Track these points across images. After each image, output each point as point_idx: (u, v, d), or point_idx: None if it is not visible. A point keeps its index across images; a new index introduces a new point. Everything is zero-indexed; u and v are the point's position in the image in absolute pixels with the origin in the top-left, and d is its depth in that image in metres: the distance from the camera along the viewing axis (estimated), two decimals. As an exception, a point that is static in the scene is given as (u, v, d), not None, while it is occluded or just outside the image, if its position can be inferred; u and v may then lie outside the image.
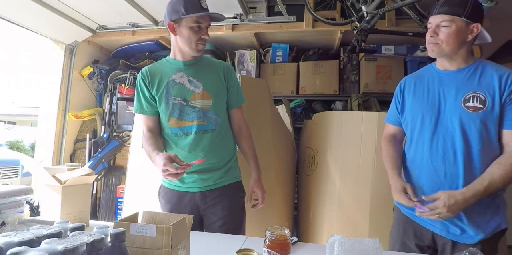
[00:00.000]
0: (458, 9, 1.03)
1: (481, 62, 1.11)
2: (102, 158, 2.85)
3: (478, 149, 1.04)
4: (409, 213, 1.19)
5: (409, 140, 1.22)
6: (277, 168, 1.97)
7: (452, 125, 1.07)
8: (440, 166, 1.09)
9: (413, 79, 1.23)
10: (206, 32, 1.27)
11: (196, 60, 1.34)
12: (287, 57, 2.89)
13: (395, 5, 1.88)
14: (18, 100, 18.68)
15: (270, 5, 2.63)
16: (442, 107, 1.10)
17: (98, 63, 3.09)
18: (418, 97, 1.17)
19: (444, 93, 1.11)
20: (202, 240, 1.05)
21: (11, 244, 0.57)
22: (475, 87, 1.06)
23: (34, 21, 2.40)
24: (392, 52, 2.62)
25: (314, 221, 1.98)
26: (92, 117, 3.06)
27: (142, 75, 1.33)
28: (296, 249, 1.01)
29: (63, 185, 1.16)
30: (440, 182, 1.09)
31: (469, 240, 1.06)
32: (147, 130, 1.32)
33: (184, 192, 1.31)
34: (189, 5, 1.21)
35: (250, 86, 1.99)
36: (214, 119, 1.30)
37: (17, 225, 0.92)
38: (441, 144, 1.09)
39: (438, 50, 1.09)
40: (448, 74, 1.13)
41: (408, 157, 1.22)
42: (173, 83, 1.29)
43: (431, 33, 1.08)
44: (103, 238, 0.58)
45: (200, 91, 1.29)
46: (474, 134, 1.04)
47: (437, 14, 1.06)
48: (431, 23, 1.09)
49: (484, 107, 1.03)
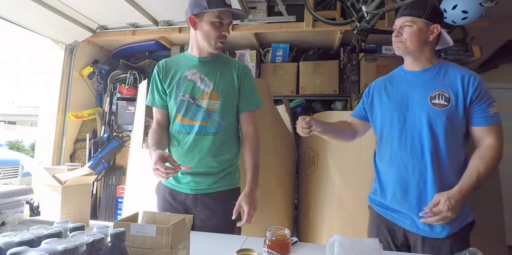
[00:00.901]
0: (418, 11, 1.14)
1: (444, 63, 1.19)
2: (102, 158, 2.85)
3: (444, 144, 1.10)
4: (381, 210, 1.22)
5: (379, 138, 1.27)
6: (277, 168, 1.97)
7: (420, 122, 1.13)
8: (409, 161, 1.14)
9: (383, 81, 1.30)
10: (227, 28, 1.24)
11: (213, 58, 1.30)
12: (287, 57, 2.89)
13: (395, 5, 1.88)
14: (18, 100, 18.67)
15: (270, 5, 2.63)
16: (410, 105, 1.16)
17: (98, 63, 3.09)
18: (388, 97, 1.23)
19: (412, 92, 1.18)
20: (202, 240, 1.05)
21: (11, 244, 0.57)
22: (440, 85, 1.13)
23: (34, 21, 2.40)
24: (392, 52, 2.59)
25: (314, 221, 1.98)
26: (92, 117, 3.06)
27: (158, 68, 1.32)
28: (296, 249, 1.01)
29: (63, 185, 1.16)
30: (409, 177, 1.13)
31: (437, 234, 1.09)
32: (156, 123, 1.32)
33: (178, 191, 1.29)
34: (212, 0, 1.19)
35: (250, 86, 1.99)
36: (217, 122, 1.25)
37: (17, 225, 0.92)
38: (409, 140, 1.14)
39: (403, 48, 1.16)
40: (415, 74, 1.20)
41: (378, 155, 1.27)
42: (184, 79, 1.27)
43: (396, 33, 1.18)
44: (103, 238, 0.58)
45: (210, 90, 1.25)
46: (441, 129, 1.10)
47: (400, 16, 1.17)
48: (396, 25, 1.19)
49: (449, 104, 1.10)
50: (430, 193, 1.10)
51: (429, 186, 1.10)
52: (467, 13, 1.62)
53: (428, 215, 1.04)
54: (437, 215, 1.02)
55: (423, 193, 1.11)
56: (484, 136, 1.10)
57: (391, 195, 1.17)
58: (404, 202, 1.14)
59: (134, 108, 2.85)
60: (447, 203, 1.01)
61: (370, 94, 1.31)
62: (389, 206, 1.19)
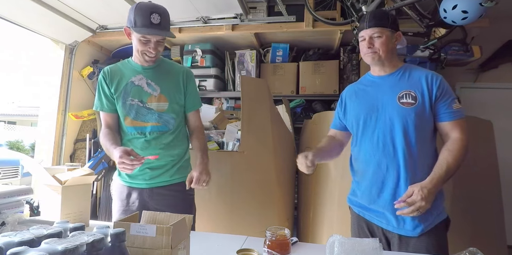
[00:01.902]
0: (383, 22, 1.22)
1: (408, 66, 1.28)
2: (102, 158, 2.85)
3: (415, 141, 1.16)
4: (359, 211, 1.26)
5: (354, 139, 1.32)
6: (277, 168, 1.97)
7: (390, 121, 1.18)
8: (382, 160, 1.18)
9: (353, 87, 1.38)
10: (154, 46, 1.29)
11: (156, 64, 1.38)
12: (287, 57, 2.89)
13: (395, 5, 1.88)
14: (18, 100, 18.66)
15: (270, 5, 2.63)
16: (380, 106, 1.22)
17: (98, 63, 3.09)
18: (359, 101, 1.30)
19: (381, 94, 1.24)
20: (202, 240, 1.05)
21: (11, 244, 0.57)
22: (406, 86, 1.21)
23: (34, 21, 2.40)
24: (392, 52, 2.62)
25: (314, 221, 1.98)
26: (92, 117, 3.06)
27: (103, 74, 1.38)
28: (296, 249, 1.01)
29: (63, 185, 1.16)
30: (383, 175, 1.18)
31: (412, 232, 1.13)
32: (105, 127, 1.38)
33: (133, 187, 1.36)
34: (138, 19, 1.23)
35: (250, 86, 1.99)
36: (168, 121, 1.36)
37: (17, 225, 0.92)
38: (381, 139, 1.19)
39: (377, 58, 1.23)
40: (382, 78, 1.28)
41: (353, 155, 1.32)
42: (131, 85, 1.35)
43: (368, 45, 1.22)
44: (103, 238, 0.58)
45: (158, 94, 1.35)
46: (411, 127, 1.15)
47: (368, 28, 1.23)
48: (364, 36, 1.24)
49: (416, 102, 1.17)
50: (403, 189, 1.13)
51: (402, 183, 1.14)
52: (467, 13, 1.62)
53: (402, 205, 1.05)
54: (411, 206, 1.03)
55: (397, 190, 1.15)
56: (450, 130, 1.16)
57: (367, 194, 1.21)
58: (379, 200, 1.18)
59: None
60: (420, 192, 1.03)
61: (343, 102, 1.38)
62: (366, 206, 1.23)
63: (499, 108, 3.02)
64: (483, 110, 2.94)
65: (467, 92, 3.11)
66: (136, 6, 1.25)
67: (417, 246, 1.11)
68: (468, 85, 3.11)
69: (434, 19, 2.01)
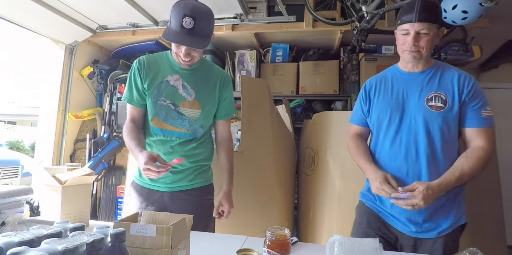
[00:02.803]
0: (434, 17, 1.09)
1: (440, 65, 1.19)
2: (102, 158, 2.85)
3: (440, 146, 1.10)
4: (374, 207, 1.21)
5: (375, 139, 1.24)
6: (277, 168, 1.97)
7: (416, 124, 1.12)
8: (403, 165, 1.12)
9: (378, 80, 1.26)
10: (184, 53, 1.18)
11: (197, 65, 1.29)
12: (287, 57, 2.89)
13: (395, 5, 1.88)
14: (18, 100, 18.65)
15: (270, 5, 2.63)
16: (406, 106, 1.15)
17: (98, 63, 3.09)
18: (384, 98, 1.20)
19: (408, 94, 1.16)
20: (202, 240, 1.05)
21: (11, 244, 0.57)
22: (436, 87, 1.13)
23: (34, 21, 2.40)
24: (392, 52, 2.62)
25: (314, 221, 1.98)
26: (92, 117, 3.06)
27: (138, 64, 1.27)
28: (296, 249, 1.01)
29: (63, 185, 1.16)
30: (403, 180, 1.11)
31: (428, 235, 1.10)
32: (131, 120, 1.29)
33: (153, 190, 1.31)
34: (173, 20, 1.13)
35: (250, 86, 1.99)
36: (197, 130, 1.30)
37: (17, 225, 0.92)
38: (404, 143, 1.13)
39: (419, 56, 1.13)
40: (412, 75, 1.18)
41: (375, 155, 1.24)
42: (166, 84, 1.25)
43: (414, 42, 1.10)
44: (103, 238, 0.58)
45: (192, 99, 1.26)
46: (437, 132, 1.09)
47: (417, 21, 1.08)
48: (409, 30, 1.11)
49: (445, 107, 1.10)
50: None
51: None
52: (467, 13, 1.62)
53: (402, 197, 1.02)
54: (408, 200, 1.01)
55: None
56: (475, 137, 1.10)
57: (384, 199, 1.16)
58: (396, 206, 1.11)
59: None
60: (424, 192, 1.00)
61: (367, 95, 1.27)
62: (381, 207, 1.19)
63: (499, 108, 3.01)
64: (483, 110, 2.93)
65: (467, 92, 3.10)
66: (175, 4, 1.13)
67: (433, 248, 1.09)
68: (468, 85, 3.11)
69: (434, 19, 2.01)
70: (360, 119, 1.31)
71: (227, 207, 1.30)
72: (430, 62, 1.18)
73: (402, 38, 1.14)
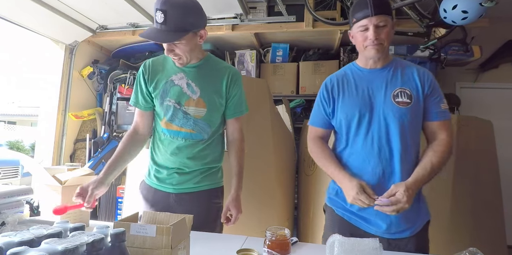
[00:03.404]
0: (388, 9, 1.09)
1: (399, 60, 1.18)
2: (102, 158, 2.85)
3: (411, 142, 1.10)
4: (344, 214, 1.16)
5: (343, 141, 1.18)
6: (277, 168, 1.97)
7: (386, 121, 1.09)
8: (377, 165, 1.09)
9: (338, 78, 1.22)
10: (167, 48, 1.13)
11: (200, 62, 1.25)
12: (287, 57, 2.89)
13: (395, 5, 1.88)
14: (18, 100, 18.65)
15: (270, 5, 2.63)
16: (374, 104, 1.12)
17: (98, 63, 3.09)
18: (350, 96, 1.16)
19: (373, 91, 1.13)
20: (202, 240, 1.05)
21: (11, 244, 0.57)
22: (400, 83, 1.12)
23: (34, 21, 2.40)
24: (392, 52, 2.62)
25: (314, 221, 1.98)
26: (92, 117, 3.06)
27: (143, 68, 1.26)
28: (296, 249, 1.01)
29: (63, 185, 1.16)
30: (378, 181, 1.09)
31: (402, 234, 1.09)
32: (133, 127, 1.30)
33: (160, 190, 1.28)
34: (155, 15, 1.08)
35: (250, 86, 1.99)
36: (203, 129, 1.24)
37: (17, 225, 0.92)
38: (377, 142, 1.10)
39: (382, 50, 1.10)
40: (373, 72, 1.16)
41: (343, 158, 1.18)
42: (171, 83, 1.22)
43: (376, 35, 1.07)
44: (103, 238, 0.58)
45: (196, 97, 1.22)
46: (407, 128, 1.09)
47: (374, 15, 1.07)
48: (367, 25, 1.08)
49: (412, 102, 1.09)
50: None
51: None
52: (467, 13, 1.62)
53: (385, 203, 0.99)
54: (394, 205, 0.99)
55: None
56: (437, 130, 1.12)
57: None
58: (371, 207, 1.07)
59: (134, 108, 2.85)
60: (406, 193, 0.98)
61: (330, 95, 1.21)
62: (354, 211, 1.14)
63: (499, 108, 3.02)
64: (483, 110, 2.94)
65: (467, 92, 3.11)
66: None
67: (406, 247, 1.08)
68: (468, 85, 3.11)
69: (434, 19, 2.01)
70: (322, 121, 1.24)
71: (234, 212, 1.24)
72: (389, 58, 1.17)
73: (361, 35, 1.11)
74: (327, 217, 1.24)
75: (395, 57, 1.19)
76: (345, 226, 1.15)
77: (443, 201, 1.75)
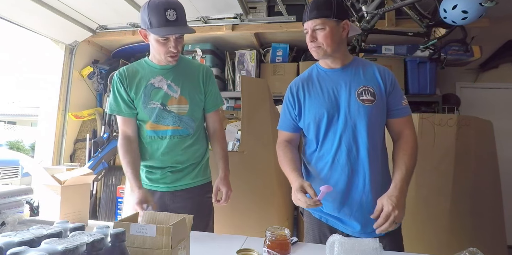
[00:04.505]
0: (325, 12, 1.08)
1: (359, 59, 1.20)
2: (102, 158, 2.85)
3: (377, 140, 1.11)
4: (321, 216, 1.16)
5: (312, 143, 1.18)
6: (277, 168, 1.96)
7: (352, 120, 1.10)
8: (347, 165, 1.10)
9: (303, 81, 1.21)
10: (174, 44, 1.20)
11: (175, 64, 1.31)
12: (287, 57, 2.89)
13: (395, 5, 1.88)
14: (18, 100, 18.65)
15: (270, 5, 2.63)
16: (340, 103, 1.13)
17: (98, 63, 3.09)
18: (316, 98, 1.16)
19: (338, 90, 1.14)
20: (202, 240, 1.05)
21: (11, 244, 0.57)
22: (363, 81, 1.13)
23: (34, 21, 2.40)
24: (392, 52, 2.62)
25: (314, 221, 1.98)
26: (92, 117, 3.06)
27: (119, 76, 1.30)
28: (296, 249, 1.01)
29: (62, 185, 1.16)
30: (349, 181, 1.10)
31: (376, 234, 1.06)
32: (123, 137, 1.30)
33: (153, 191, 1.31)
34: (153, 19, 1.14)
35: (250, 86, 1.99)
36: (188, 124, 1.30)
37: (17, 225, 0.92)
38: (345, 142, 1.10)
39: (322, 53, 1.11)
40: (335, 72, 1.17)
41: (310, 160, 1.19)
42: (151, 87, 1.27)
43: (310, 39, 1.11)
44: (103, 238, 0.58)
45: (178, 95, 1.28)
46: (373, 125, 1.10)
47: (309, 19, 1.10)
48: (307, 29, 1.12)
49: (375, 99, 1.10)
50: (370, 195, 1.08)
51: (367, 188, 1.08)
52: (467, 13, 1.62)
53: (380, 222, 0.98)
54: (388, 219, 0.97)
55: (363, 197, 1.09)
56: (402, 127, 1.14)
57: (331, 203, 1.12)
58: (345, 208, 1.10)
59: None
60: (390, 202, 0.98)
61: (295, 98, 1.20)
62: (328, 212, 1.14)
63: (499, 108, 3.02)
64: (483, 110, 2.94)
65: (467, 92, 3.11)
66: (148, 5, 1.15)
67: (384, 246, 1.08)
68: (468, 85, 3.11)
69: (434, 19, 2.01)
70: (289, 125, 1.24)
71: (225, 190, 1.31)
72: (348, 57, 1.18)
73: (306, 37, 1.13)
74: (306, 220, 1.23)
75: (355, 57, 1.21)
76: (323, 228, 1.16)
77: (443, 201, 1.75)
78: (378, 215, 1.00)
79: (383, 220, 0.98)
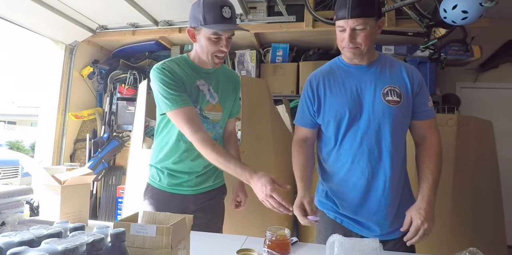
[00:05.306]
0: (369, 10, 1.00)
1: (385, 56, 1.14)
2: (102, 158, 2.85)
3: (401, 142, 1.08)
4: (336, 217, 1.14)
5: (331, 141, 1.12)
6: (277, 168, 1.97)
7: (376, 121, 1.05)
8: (367, 167, 1.05)
9: (323, 75, 1.14)
10: (226, 44, 1.16)
11: (216, 69, 1.28)
12: (287, 57, 2.89)
13: (395, 5, 1.88)
14: (18, 100, 18.65)
15: (270, 5, 2.63)
16: (363, 102, 1.07)
17: (98, 63, 3.09)
18: (337, 95, 1.09)
19: (362, 88, 1.08)
20: (202, 240, 1.05)
21: (11, 244, 0.57)
22: (389, 80, 1.07)
23: (34, 21, 2.40)
24: (392, 52, 2.63)
25: (314, 221, 1.98)
26: (92, 117, 3.06)
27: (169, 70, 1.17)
28: (296, 249, 1.01)
29: (62, 185, 1.16)
30: (368, 184, 1.06)
31: (393, 235, 1.08)
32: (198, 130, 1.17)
33: (176, 194, 1.28)
34: (208, 15, 1.10)
35: (250, 86, 1.99)
36: (218, 131, 1.30)
37: (17, 225, 0.92)
38: (366, 143, 1.05)
39: (359, 53, 1.05)
40: (360, 69, 1.10)
41: (327, 159, 1.14)
42: (196, 89, 1.21)
43: (350, 39, 1.02)
44: (103, 238, 0.58)
45: (215, 102, 1.26)
46: (398, 127, 1.06)
47: (350, 18, 1.00)
48: (343, 27, 1.02)
49: (401, 100, 1.05)
50: (389, 198, 1.06)
51: (387, 191, 1.06)
52: (467, 13, 1.62)
53: (410, 236, 0.98)
54: (418, 232, 0.97)
55: (382, 200, 1.06)
56: (427, 131, 1.10)
57: (348, 203, 1.09)
58: (362, 211, 1.07)
59: (134, 108, 2.85)
60: (418, 216, 0.97)
61: (315, 93, 1.13)
62: (344, 214, 1.11)
63: (499, 108, 3.02)
64: (483, 110, 2.94)
65: (467, 92, 3.10)
66: (203, 2, 1.11)
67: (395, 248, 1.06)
68: (468, 85, 3.11)
69: (434, 19, 2.01)
70: (306, 120, 1.18)
71: (243, 197, 1.38)
72: (374, 54, 1.12)
73: (339, 34, 1.06)
74: (320, 220, 1.19)
75: (381, 53, 1.15)
76: (338, 230, 1.11)
77: (443, 201, 1.75)
78: (408, 228, 0.99)
79: (413, 234, 0.97)
